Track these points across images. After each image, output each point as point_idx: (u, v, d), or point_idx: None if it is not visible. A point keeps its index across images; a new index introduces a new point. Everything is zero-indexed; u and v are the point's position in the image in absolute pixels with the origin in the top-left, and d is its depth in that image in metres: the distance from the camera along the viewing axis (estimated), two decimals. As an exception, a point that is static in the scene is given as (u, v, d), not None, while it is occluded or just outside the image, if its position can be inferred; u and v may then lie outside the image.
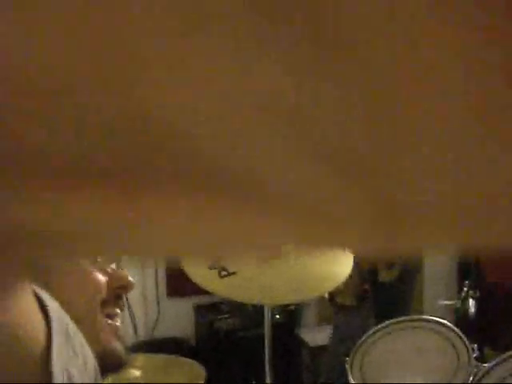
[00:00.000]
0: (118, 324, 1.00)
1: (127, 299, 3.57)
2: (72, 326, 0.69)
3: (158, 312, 4.09)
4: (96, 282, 0.96)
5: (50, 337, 0.59)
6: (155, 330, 4.06)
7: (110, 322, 0.98)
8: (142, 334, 3.92)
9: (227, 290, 1.97)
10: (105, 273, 0.99)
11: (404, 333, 2.15)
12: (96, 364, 0.76)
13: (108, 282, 0.98)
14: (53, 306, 0.63)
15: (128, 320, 3.67)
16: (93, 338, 0.83)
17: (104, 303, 0.97)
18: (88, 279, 0.96)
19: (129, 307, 3.63)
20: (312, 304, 4.08)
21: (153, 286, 4.11)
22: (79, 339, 0.70)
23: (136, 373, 2.01)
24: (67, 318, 0.69)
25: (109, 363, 0.94)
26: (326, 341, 3.80)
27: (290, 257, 2.00)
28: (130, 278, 1.06)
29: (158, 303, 4.11)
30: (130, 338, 3.69)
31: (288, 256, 2.00)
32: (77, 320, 0.73)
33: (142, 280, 4.06)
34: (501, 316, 3.61)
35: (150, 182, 0.15)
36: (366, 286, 2.99)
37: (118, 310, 1.01)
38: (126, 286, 1.04)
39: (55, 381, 0.58)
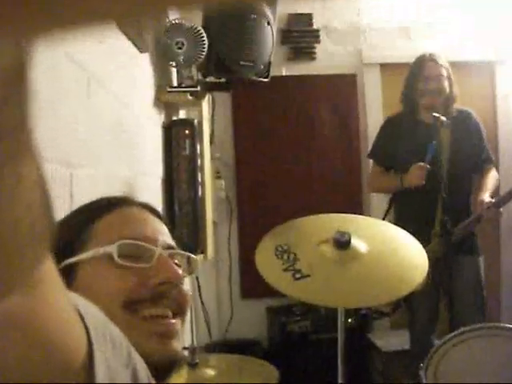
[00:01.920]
0: (165, 323, 0.91)
1: (202, 301, 3.62)
2: (117, 334, 0.66)
3: (232, 313, 4.14)
4: (119, 284, 0.89)
5: (91, 347, 0.57)
6: (228, 331, 4.11)
7: (151, 323, 0.89)
8: (216, 335, 3.97)
9: (301, 293, 1.98)
10: (141, 270, 0.91)
11: (481, 340, 2.11)
12: (149, 372, 0.73)
13: (143, 281, 0.90)
14: (91, 313, 0.61)
15: (202, 320, 3.72)
16: None
17: (139, 304, 0.89)
18: (111, 280, 0.90)
19: (203, 308, 3.69)
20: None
21: (227, 287, 4.15)
22: (127, 348, 0.68)
23: (211, 372, 2.04)
24: (111, 326, 0.65)
25: (160, 364, 0.87)
26: (399, 346, 3.76)
27: (365, 260, 1.99)
28: (178, 271, 0.94)
29: (232, 304, 4.15)
30: (205, 339, 3.74)
31: (363, 260, 1.99)
32: None
33: (216, 281, 4.11)
34: None
35: None
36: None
37: (161, 310, 0.91)
38: (169, 282, 0.92)
39: None
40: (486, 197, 3.16)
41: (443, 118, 3.06)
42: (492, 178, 3.34)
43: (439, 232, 3.16)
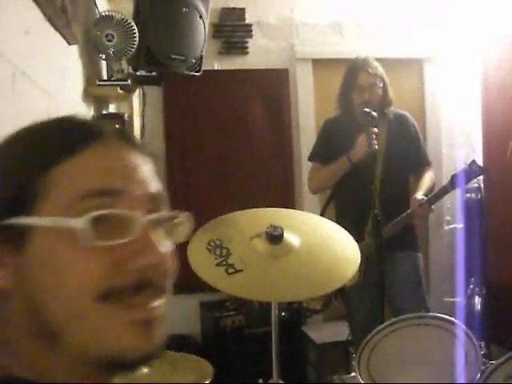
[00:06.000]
0: (147, 314, 0.73)
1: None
2: None
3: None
4: (88, 270, 0.68)
5: None
6: (161, 327, 4.07)
7: (127, 314, 0.70)
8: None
9: (234, 288, 1.97)
10: (116, 249, 0.69)
11: (411, 330, 2.15)
12: None
13: (120, 265, 0.69)
14: None
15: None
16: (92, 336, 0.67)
17: (115, 293, 0.69)
18: (78, 265, 0.67)
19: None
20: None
21: (159, 284, 4.11)
22: None
23: (143, 370, 2.01)
24: None
25: (123, 360, 0.70)
26: (332, 338, 3.81)
27: (298, 254, 2.00)
28: (163, 254, 0.75)
29: (165, 300, 4.11)
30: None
31: (295, 254, 2.00)
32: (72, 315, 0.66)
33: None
34: (507, 313, 3.60)
35: None
36: (331, 292, 3.05)
37: (146, 298, 0.74)
38: (155, 265, 0.74)
39: None
40: (419, 194, 3.24)
41: (374, 114, 3.10)
42: (427, 178, 3.43)
43: (371, 228, 3.22)
